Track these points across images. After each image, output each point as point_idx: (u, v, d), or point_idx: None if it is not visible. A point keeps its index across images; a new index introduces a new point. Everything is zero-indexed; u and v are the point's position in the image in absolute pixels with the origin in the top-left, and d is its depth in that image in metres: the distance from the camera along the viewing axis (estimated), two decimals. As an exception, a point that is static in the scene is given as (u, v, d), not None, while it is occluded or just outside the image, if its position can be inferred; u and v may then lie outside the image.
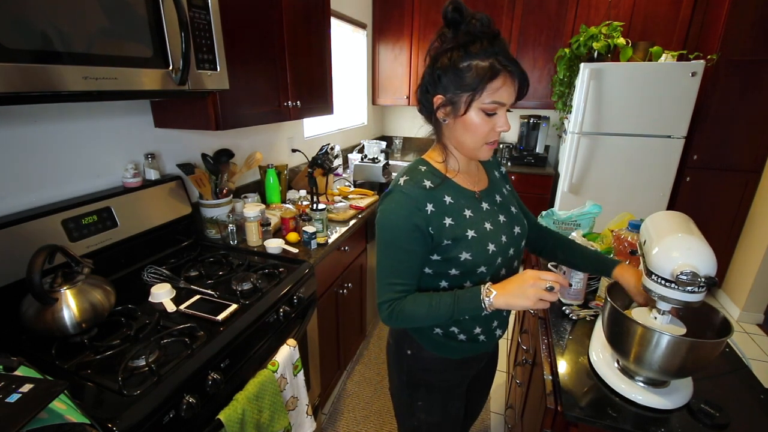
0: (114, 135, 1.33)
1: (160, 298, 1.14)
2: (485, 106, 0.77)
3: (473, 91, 0.76)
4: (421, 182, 0.82)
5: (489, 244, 0.84)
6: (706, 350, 0.75)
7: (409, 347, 0.98)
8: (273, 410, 1.09)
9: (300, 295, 1.35)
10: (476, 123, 0.79)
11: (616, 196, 2.70)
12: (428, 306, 0.82)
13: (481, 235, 0.84)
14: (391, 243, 0.82)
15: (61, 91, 0.80)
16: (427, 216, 0.80)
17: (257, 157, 1.79)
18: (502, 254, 0.87)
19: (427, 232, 0.81)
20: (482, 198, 0.90)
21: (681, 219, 0.86)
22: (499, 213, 0.91)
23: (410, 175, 0.84)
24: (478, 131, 0.80)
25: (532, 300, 0.75)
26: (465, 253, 0.83)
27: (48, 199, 1.16)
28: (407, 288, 0.85)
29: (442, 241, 0.82)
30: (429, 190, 0.82)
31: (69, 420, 0.61)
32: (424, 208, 0.80)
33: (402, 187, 0.82)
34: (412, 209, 0.80)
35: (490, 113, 0.78)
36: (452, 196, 0.85)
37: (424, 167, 0.87)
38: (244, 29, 1.39)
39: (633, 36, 2.70)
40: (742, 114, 2.45)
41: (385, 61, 3.43)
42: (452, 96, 0.78)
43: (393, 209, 0.81)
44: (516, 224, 0.93)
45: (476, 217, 0.86)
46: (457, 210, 0.84)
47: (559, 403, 0.86)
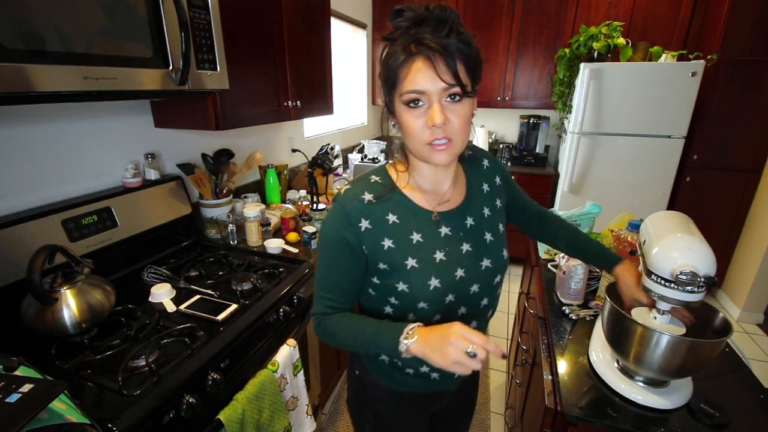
0: (114, 135, 1.33)
1: (160, 298, 1.14)
2: (405, 97, 0.65)
3: (392, 85, 0.66)
4: (360, 194, 0.72)
5: (431, 279, 0.71)
6: (706, 350, 0.75)
7: (357, 367, 0.90)
8: (273, 410, 1.09)
9: (300, 295, 1.35)
10: (405, 121, 0.67)
11: (616, 196, 2.69)
12: (349, 330, 0.73)
13: (423, 266, 0.72)
14: (323, 256, 0.75)
15: (61, 91, 0.80)
16: (360, 233, 0.71)
17: (257, 157, 1.79)
18: (454, 291, 0.74)
19: (361, 251, 0.72)
20: (442, 221, 0.76)
21: (681, 219, 0.86)
22: (463, 241, 0.76)
23: (354, 185, 0.75)
24: (411, 130, 0.67)
25: (448, 360, 0.61)
26: (402, 284, 0.72)
27: (48, 199, 1.16)
28: (338, 305, 0.77)
29: (378, 264, 0.73)
30: (367, 204, 0.71)
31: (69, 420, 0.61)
32: (358, 224, 0.70)
33: (340, 197, 0.73)
34: (345, 223, 0.71)
35: (412, 105, 0.65)
36: (399, 214, 0.73)
37: (377, 177, 0.76)
38: (244, 29, 1.39)
39: (633, 36, 2.70)
40: (742, 114, 2.45)
41: (385, 61, 3.42)
42: (386, 98, 0.70)
43: (328, 220, 0.74)
44: (486, 256, 0.78)
45: (425, 244, 0.73)
46: (402, 232, 0.72)
47: (558, 403, 0.86)
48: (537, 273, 1.47)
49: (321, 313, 0.78)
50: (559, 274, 1.24)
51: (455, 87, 0.63)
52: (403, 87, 0.64)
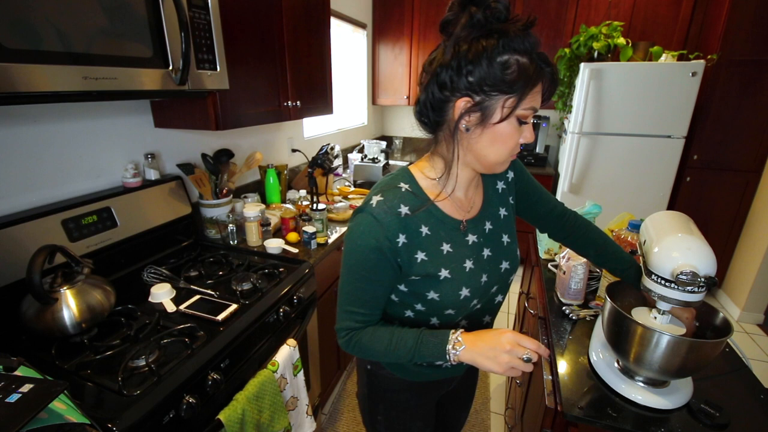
0: (114, 135, 1.33)
1: (160, 298, 1.14)
2: (522, 112, 0.63)
3: (516, 95, 0.61)
4: (397, 207, 0.68)
5: (462, 289, 0.73)
6: (706, 350, 0.75)
7: (369, 362, 0.91)
8: (273, 410, 1.09)
9: (300, 295, 1.35)
10: (508, 134, 0.65)
11: (616, 196, 2.70)
12: (387, 344, 0.72)
13: (456, 276, 0.72)
14: (355, 269, 0.71)
15: (61, 91, 0.80)
16: (398, 248, 0.68)
17: (257, 157, 1.79)
18: (479, 296, 0.77)
19: (396, 264, 0.70)
20: (468, 229, 0.76)
21: (681, 219, 0.86)
22: (484, 246, 0.78)
23: (386, 196, 0.70)
24: (508, 143, 0.66)
25: (504, 367, 0.64)
26: (433, 293, 0.73)
27: (48, 199, 1.16)
28: (368, 318, 0.75)
29: (411, 276, 0.72)
30: (404, 218, 0.68)
31: (69, 420, 0.61)
32: (395, 240, 0.68)
33: (373, 210, 0.68)
34: (381, 238, 0.67)
35: (524, 121, 0.65)
36: (431, 226, 0.71)
37: (406, 185, 0.72)
38: (244, 29, 1.39)
39: (633, 36, 2.70)
40: (742, 114, 2.45)
41: (385, 61, 3.43)
42: (485, 99, 0.62)
43: (360, 234, 0.69)
44: (504, 258, 0.80)
45: (456, 254, 0.73)
46: (434, 243, 0.71)
47: (558, 403, 0.86)
48: (537, 273, 1.47)
49: (349, 328, 0.75)
50: (559, 274, 1.24)
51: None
52: (527, 102, 0.63)
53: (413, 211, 0.70)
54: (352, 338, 0.75)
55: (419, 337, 0.71)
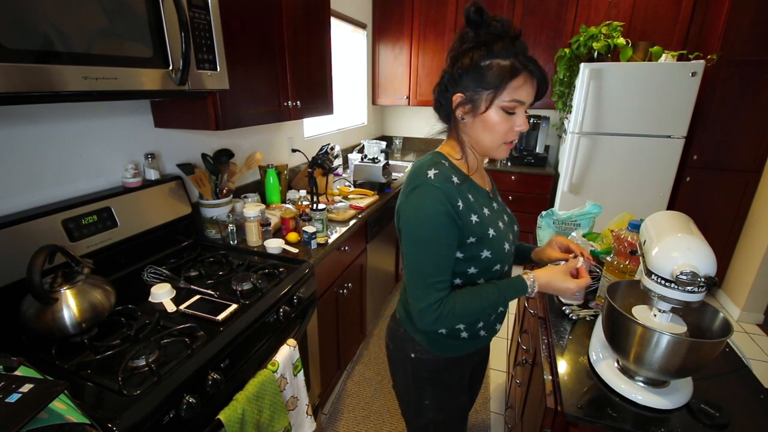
0: (114, 135, 1.33)
1: (160, 298, 1.14)
2: (505, 104, 0.78)
3: (494, 89, 0.77)
4: (450, 177, 0.82)
5: (505, 243, 0.89)
6: (706, 350, 0.75)
7: (412, 350, 0.98)
8: (273, 410, 1.09)
9: (300, 295, 1.35)
10: (496, 121, 0.80)
11: (616, 196, 2.69)
12: (480, 301, 0.83)
13: (498, 233, 0.87)
14: (431, 239, 0.79)
15: (61, 91, 0.80)
16: (459, 211, 0.80)
17: (257, 157, 1.79)
18: (510, 252, 0.92)
19: (458, 226, 0.81)
20: (492, 197, 0.94)
21: (681, 219, 0.86)
22: (503, 213, 0.95)
23: (438, 168, 0.82)
24: (498, 130, 0.81)
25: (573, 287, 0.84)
26: (486, 251, 0.85)
27: (48, 199, 1.16)
28: (448, 284, 0.83)
29: (467, 239, 0.83)
30: (457, 186, 0.82)
31: (69, 420, 0.61)
32: (456, 203, 0.80)
33: (433, 181, 0.80)
34: (446, 202, 0.79)
35: (510, 112, 0.79)
36: (473, 193, 0.86)
37: (445, 162, 0.85)
38: (244, 29, 1.39)
39: (633, 36, 2.70)
40: (742, 114, 2.45)
41: (385, 61, 3.43)
42: (472, 94, 0.79)
43: (429, 204, 0.78)
44: (514, 224, 0.99)
45: (493, 216, 0.89)
46: (479, 208, 0.85)
47: (559, 403, 0.86)
48: (537, 273, 1.47)
49: (439, 300, 0.81)
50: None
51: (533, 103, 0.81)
52: (508, 94, 0.77)
53: (462, 181, 0.84)
54: (442, 308, 0.81)
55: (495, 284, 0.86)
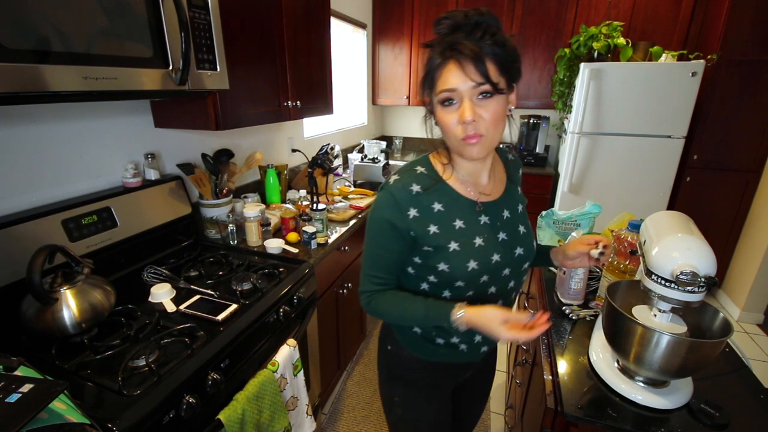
0: (114, 135, 1.33)
1: (160, 298, 1.14)
2: (439, 97, 0.73)
3: (430, 87, 0.75)
4: (409, 185, 0.80)
5: (470, 261, 0.80)
6: (706, 350, 0.75)
7: (390, 343, 0.99)
8: (273, 410, 1.09)
9: (300, 295, 1.35)
10: (441, 119, 0.76)
11: (616, 196, 2.69)
12: (401, 308, 0.84)
13: (464, 249, 0.80)
14: (372, 238, 0.84)
15: (61, 91, 0.80)
16: (409, 220, 0.79)
17: (257, 157, 1.79)
18: (489, 273, 0.83)
19: (408, 235, 0.80)
20: (484, 210, 0.84)
21: (681, 219, 0.86)
22: (500, 230, 0.85)
23: (401, 176, 0.82)
24: (446, 127, 0.76)
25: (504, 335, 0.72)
26: (443, 264, 0.80)
27: (48, 199, 1.16)
28: (386, 282, 0.86)
29: (423, 246, 0.81)
30: (415, 195, 0.79)
31: (69, 420, 0.61)
32: (406, 212, 0.79)
33: (389, 187, 0.81)
34: (394, 211, 0.79)
35: (446, 103, 0.73)
36: (444, 203, 0.81)
37: (421, 168, 0.83)
38: (244, 29, 1.39)
39: (633, 36, 2.70)
40: (742, 114, 2.45)
41: (385, 61, 3.43)
42: (427, 100, 0.78)
43: (377, 206, 0.82)
44: (519, 245, 0.87)
45: (467, 230, 0.81)
46: (446, 219, 0.81)
47: (559, 403, 0.86)
48: (537, 273, 1.47)
49: (370, 291, 0.87)
50: (559, 274, 1.24)
51: (484, 85, 0.69)
52: (437, 87, 0.73)
53: (425, 189, 0.80)
54: (372, 300, 0.86)
55: (428, 301, 0.82)
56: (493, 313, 0.73)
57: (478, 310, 0.75)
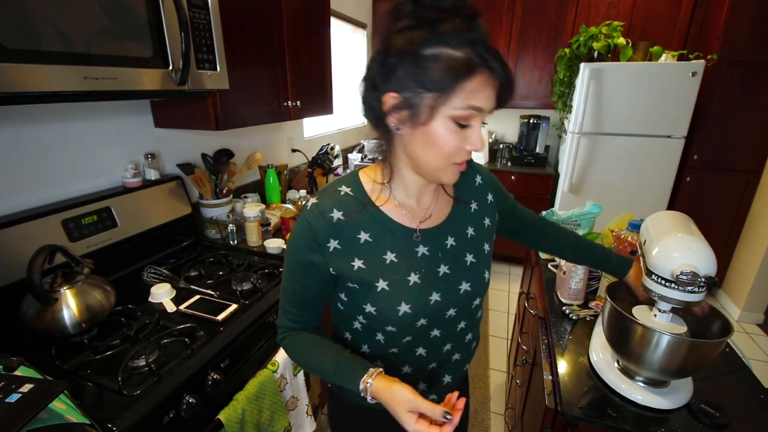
0: (114, 135, 1.33)
1: (160, 298, 1.14)
2: (457, 113, 0.56)
3: (441, 92, 0.55)
4: (329, 211, 0.65)
5: (401, 304, 0.66)
6: (706, 350, 0.75)
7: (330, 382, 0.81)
8: (273, 410, 1.09)
9: (300, 295, 1.35)
10: (442, 135, 0.58)
11: (616, 196, 2.69)
12: (310, 358, 0.70)
13: (394, 289, 0.66)
14: (288, 269, 0.70)
15: (61, 91, 0.80)
16: (328, 254, 0.65)
17: (257, 157, 1.79)
18: (427, 315, 0.69)
19: (326, 271, 0.66)
20: (422, 239, 0.69)
21: (681, 219, 0.86)
22: (440, 262, 0.70)
23: (320, 199, 0.66)
24: (445, 147, 0.58)
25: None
26: (370, 306, 0.67)
27: (48, 199, 1.16)
28: (302, 320, 0.73)
29: (347, 282, 0.67)
30: (336, 224, 0.64)
31: (69, 420, 0.61)
32: (325, 245, 0.65)
33: (306, 213, 0.66)
34: (310, 243, 0.65)
35: (463, 123, 0.57)
36: (372, 232, 0.66)
37: (347, 189, 0.68)
38: (244, 29, 1.39)
39: (633, 36, 2.70)
40: (742, 114, 2.45)
41: (385, 61, 3.42)
42: (411, 96, 0.56)
43: (293, 235, 0.67)
44: (465, 279, 0.72)
45: (400, 264, 0.67)
46: (375, 251, 0.66)
47: (559, 403, 0.86)
48: (537, 273, 1.47)
49: (286, 327, 0.74)
50: (559, 274, 1.24)
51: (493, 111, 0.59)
52: (461, 99, 0.55)
53: (347, 216, 0.65)
54: (285, 338, 0.74)
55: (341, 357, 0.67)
56: (402, 397, 0.58)
57: (387, 387, 0.60)
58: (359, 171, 0.71)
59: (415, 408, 0.58)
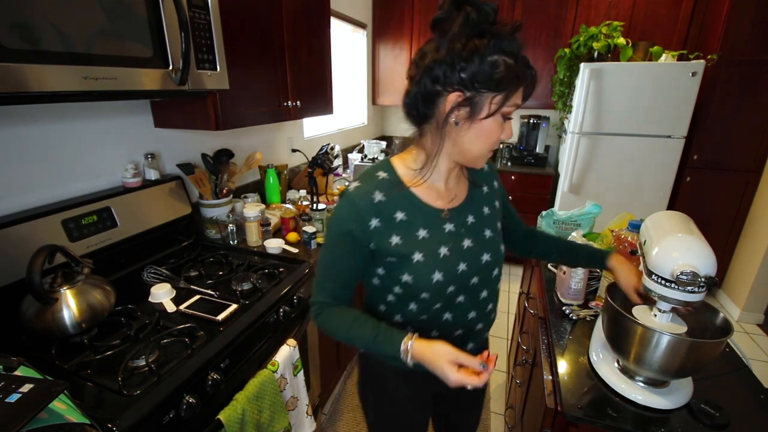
0: (114, 135, 1.33)
1: (160, 298, 1.14)
2: (508, 109, 0.68)
3: (503, 93, 0.66)
4: (372, 193, 0.74)
5: (435, 273, 0.75)
6: (706, 350, 0.75)
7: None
8: (273, 410, 1.09)
9: (300, 295, 1.35)
10: (493, 128, 0.69)
11: (616, 196, 2.69)
12: (350, 329, 0.77)
13: (429, 260, 0.75)
14: (330, 247, 0.78)
15: (61, 91, 0.80)
16: (370, 231, 0.74)
17: (257, 157, 1.79)
18: (456, 283, 0.79)
19: (367, 247, 0.75)
20: (449, 218, 0.80)
21: (681, 219, 0.86)
22: (465, 237, 0.80)
23: (363, 182, 0.76)
24: (491, 138, 0.70)
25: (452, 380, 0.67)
26: (407, 275, 0.76)
27: (48, 199, 1.16)
28: (339, 295, 0.80)
29: (386, 257, 0.77)
30: (377, 204, 0.73)
31: (69, 420, 0.61)
32: (368, 223, 0.73)
33: (350, 194, 0.75)
34: (355, 220, 0.73)
35: (508, 117, 0.71)
36: (407, 211, 0.76)
37: (384, 174, 0.77)
38: (244, 29, 1.39)
39: (633, 36, 2.70)
40: (742, 114, 2.45)
41: (385, 61, 3.43)
42: (475, 95, 0.66)
43: (336, 215, 0.76)
44: (486, 251, 0.82)
45: (431, 239, 0.76)
46: (409, 228, 0.76)
47: (559, 403, 0.86)
48: (537, 273, 1.47)
49: (321, 302, 0.81)
50: (560, 274, 1.24)
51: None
52: (512, 99, 0.67)
53: (386, 197, 0.74)
54: (322, 313, 0.80)
55: (379, 326, 0.75)
56: (444, 350, 0.68)
57: (428, 345, 0.70)
58: (391, 158, 0.81)
59: (456, 359, 0.67)
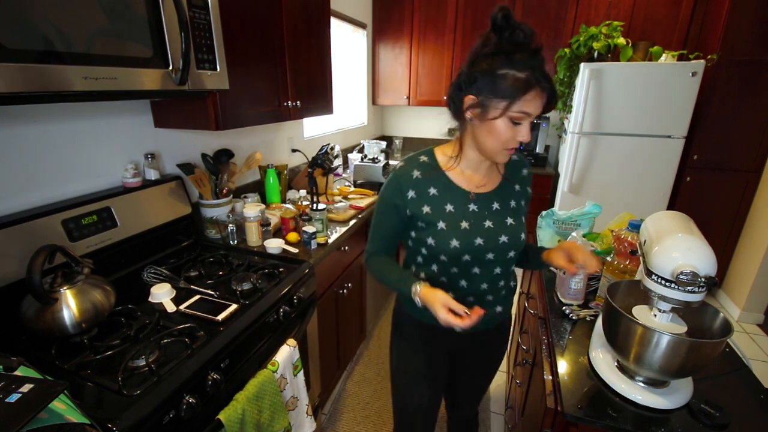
0: (114, 135, 1.33)
1: (160, 298, 1.14)
2: (514, 114, 0.81)
3: (507, 100, 0.79)
4: (411, 171, 0.94)
5: (453, 240, 0.92)
6: (706, 350, 0.75)
7: (398, 300, 1.14)
8: (273, 410, 1.09)
9: (300, 295, 1.35)
10: (500, 129, 0.83)
11: (616, 196, 2.69)
12: (384, 272, 1.00)
13: (450, 229, 0.92)
14: (379, 212, 1.01)
15: (61, 91, 0.80)
16: (407, 200, 0.94)
17: (257, 157, 1.79)
18: (471, 253, 0.94)
19: (404, 213, 0.95)
20: (475, 200, 0.96)
21: (681, 219, 0.87)
22: (487, 218, 0.95)
23: (407, 162, 0.97)
24: (501, 137, 0.84)
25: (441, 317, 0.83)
26: (431, 239, 0.94)
27: (48, 199, 1.16)
28: (383, 247, 1.04)
29: (418, 222, 0.96)
30: (415, 179, 0.93)
31: (69, 420, 0.61)
32: (406, 193, 0.93)
33: (396, 171, 0.96)
34: (396, 191, 0.94)
35: (516, 122, 0.82)
36: (439, 189, 0.94)
37: (425, 158, 0.97)
38: (244, 29, 1.39)
39: (633, 36, 2.70)
40: (742, 114, 2.45)
41: (385, 61, 3.43)
42: (484, 99, 0.82)
43: (384, 187, 0.98)
44: (505, 234, 0.95)
45: (455, 213, 0.94)
46: (439, 202, 0.94)
47: (559, 403, 0.86)
48: (537, 273, 1.47)
49: (371, 252, 1.05)
50: (559, 274, 1.24)
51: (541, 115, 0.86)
52: (517, 106, 0.80)
53: (423, 175, 0.94)
54: (369, 258, 1.05)
55: (404, 272, 0.99)
56: (440, 296, 0.85)
57: (432, 290, 0.87)
58: (434, 147, 1.00)
59: (447, 303, 0.83)
